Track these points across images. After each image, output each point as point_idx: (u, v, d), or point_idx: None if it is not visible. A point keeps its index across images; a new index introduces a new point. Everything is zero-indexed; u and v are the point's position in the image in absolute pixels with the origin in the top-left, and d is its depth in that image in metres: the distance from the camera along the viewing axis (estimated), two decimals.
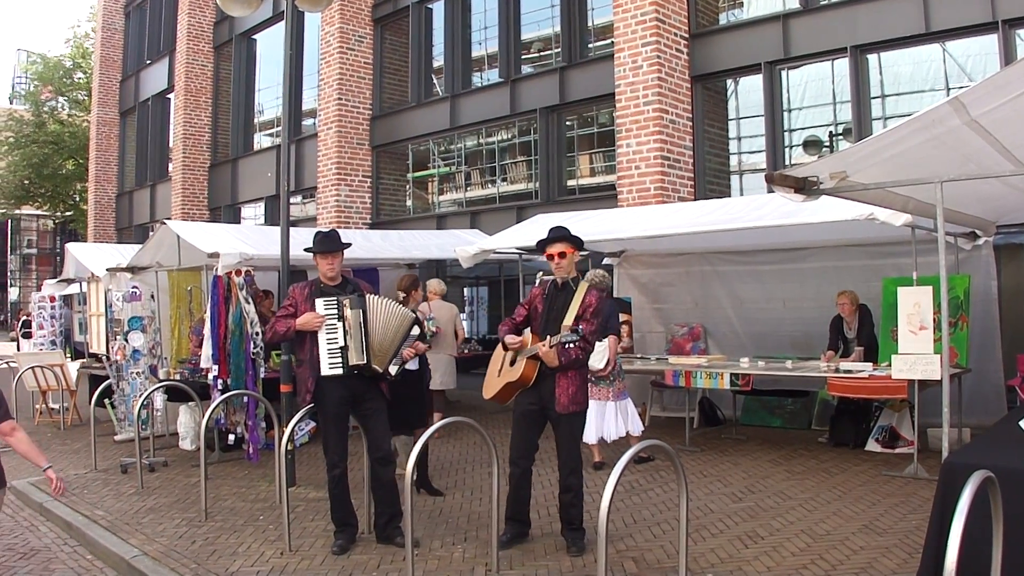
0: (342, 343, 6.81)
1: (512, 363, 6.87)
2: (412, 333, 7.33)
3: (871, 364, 9.98)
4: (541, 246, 7.01)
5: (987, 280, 10.73)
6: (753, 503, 8.01)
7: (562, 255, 6.82)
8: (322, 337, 6.83)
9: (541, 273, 6.94)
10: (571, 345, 6.50)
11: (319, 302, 6.87)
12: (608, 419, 9.40)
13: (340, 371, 6.80)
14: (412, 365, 8.47)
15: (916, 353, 8.74)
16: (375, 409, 7.06)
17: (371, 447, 7.04)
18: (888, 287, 10.27)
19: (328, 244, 7.05)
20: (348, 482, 7.06)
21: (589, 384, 9.42)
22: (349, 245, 7.26)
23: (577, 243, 6.96)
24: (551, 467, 7.58)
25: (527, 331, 6.91)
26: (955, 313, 9.75)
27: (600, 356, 9.23)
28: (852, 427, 10.59)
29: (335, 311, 6.85)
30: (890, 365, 9.10)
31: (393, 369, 7.14)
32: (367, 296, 7.01)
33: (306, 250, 7.21)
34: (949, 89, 12.34)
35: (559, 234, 6.94)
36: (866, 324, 10.68)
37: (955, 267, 10.10)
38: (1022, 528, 4.33)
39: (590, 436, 9.38)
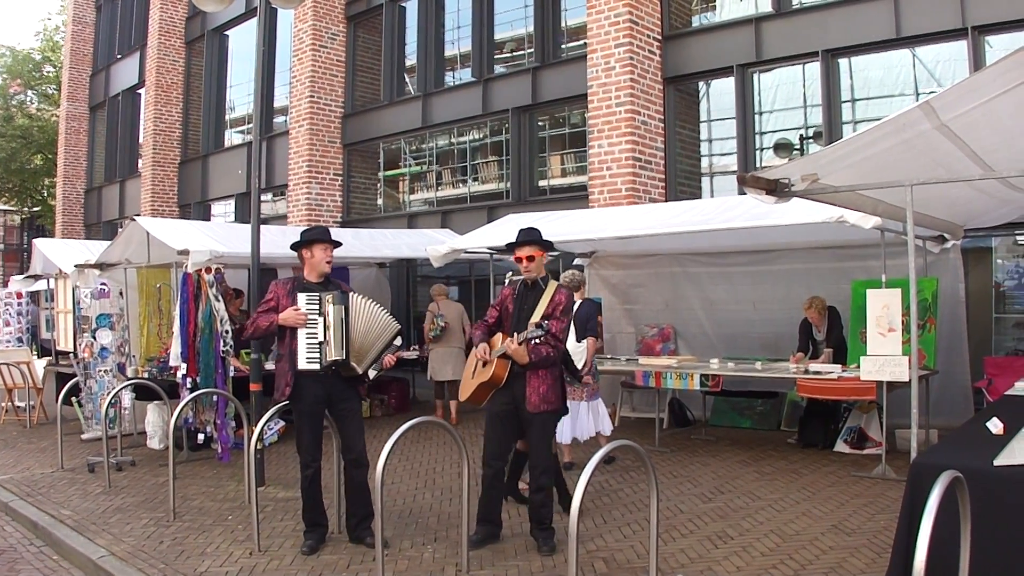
0: (321, 338, 6.79)
1: (485, 364, 6.89)
2: (395, 343, 7.32)
3: (840, 366, 10.05)
4: (511, 248, 7.05)
5: (955, 283, 10.83)
6: (723, 503, 8.04)
7: (531, 259, 6.86)
8: (301, 331, 6.80)
9: (510, 273, 6.91)
10: (537, 341, 6.54)
11: (301, 297, 6.85)
12: (581, 419, 9.42)
13: (317, 366, 6.77)
14: None
15: (884, 355, 8.80)
16: (350, 410, 7.04)
17: (344, 448, 7.02)
18: (857, 289, 10.34)
19: (323, 234, 7.11)
20: (321, 482, 7.03)
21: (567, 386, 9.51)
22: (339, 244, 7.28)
23: (546, 246, 7.00)
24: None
25: (499, 332, 6.93)
26: (923, 315, 9.83)
27: (579, 357, 9.25)
28: (821, 428, 10.66)
29: (316, 307, 6.84)
30: (859, 367, 9.17)
31: (372, 373, 7.14)
32: (350, 294, 7.01)
33: (293, 246, 7.19)
34: (919, 94, 12.43)
35: (528, 237, 6.97)
36: (835, 326, 10.74)
37: (924, 270, 10.20)
38: (989, 528, 4.37)
39: (564, 436, 9.40)
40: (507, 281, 7.24)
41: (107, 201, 29.59)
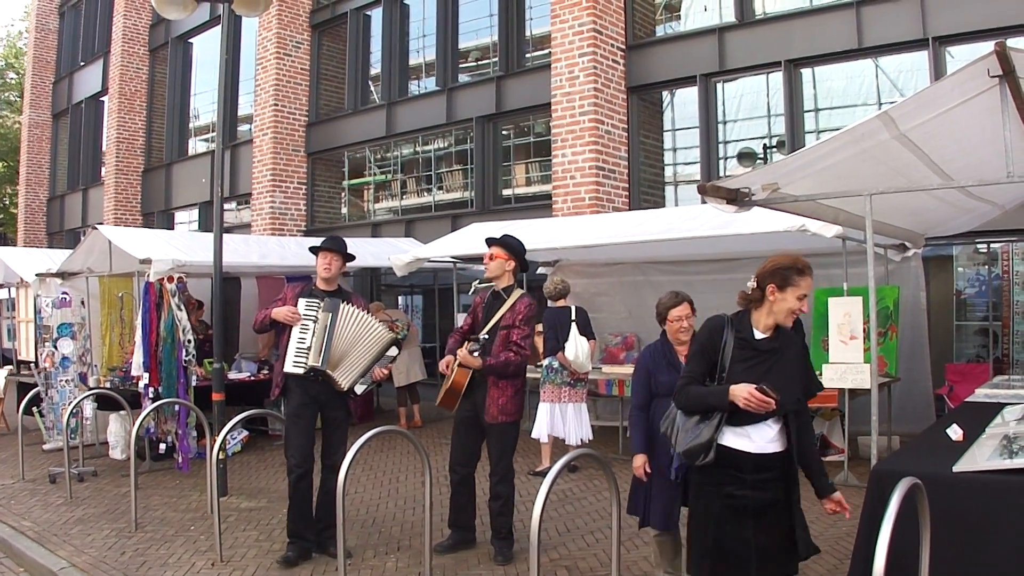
0: (308, 343, 6.84)
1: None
2: (388, 354, 7.33)
3: None
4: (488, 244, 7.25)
5: (916, 291, 10.91)
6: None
7: (491, 257, 7.01)
8: (294, 334, 6.88)
9: (476, 282, 6.93)
10: (476, 352, 6.71)
11: (302, 302, 6.97)
12: (585, 421, 9.86)
13: (301, 370, 6.82)
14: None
15: (846, 362, 8.88)
16: (335, 419, 7.12)
17: (324, 451, 7.03)
18: (819, 298, 10.39)
19: (328, 243, 7.23)
20: (311, 490, 6.97)
21: (568, 388, 9.71)
22: (352, 257, 7.42)
23: (512, 252, 7.05)
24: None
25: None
26: (884, 323, 9.90)
27: (584, 359, 9.71)
28: None
29: (313, 313, 6.92)
30: (821, 374, 9.22)
31: (359, 388, 7.14)
32: (343, 304, 7.05)
33: (311, 249, 7.39)
34: (881, 103, 12.54)
35: (495, 238, 7.16)
36: (798, 334, 10.78)
37: (885, 278, 10.27)
38: (949, 534, 4.40)
39: (572, 439, 9.76)
40: (472, 289, 7.30)
41: (70, 209, 29.32)
